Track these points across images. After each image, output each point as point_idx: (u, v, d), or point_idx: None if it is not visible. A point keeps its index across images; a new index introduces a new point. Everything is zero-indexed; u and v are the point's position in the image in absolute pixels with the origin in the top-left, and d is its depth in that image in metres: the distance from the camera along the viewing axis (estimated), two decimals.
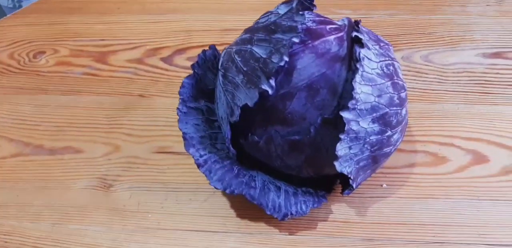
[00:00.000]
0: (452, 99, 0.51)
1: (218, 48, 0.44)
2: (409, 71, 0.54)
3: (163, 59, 0.57)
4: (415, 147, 0.47)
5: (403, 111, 0.37)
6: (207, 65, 0.43)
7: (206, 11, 0.64)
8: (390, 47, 0.39)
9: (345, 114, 0.33)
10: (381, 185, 0.44)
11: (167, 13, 0.64)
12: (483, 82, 0.52)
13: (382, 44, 0.38)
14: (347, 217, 0.41)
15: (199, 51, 0.59)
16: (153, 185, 0.44)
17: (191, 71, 0.56)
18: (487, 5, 0.62)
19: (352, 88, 0.33)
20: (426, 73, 0.55)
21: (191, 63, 0.56)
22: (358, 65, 0.33)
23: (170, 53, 0.58)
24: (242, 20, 0.63)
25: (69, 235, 0.41)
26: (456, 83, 0.53)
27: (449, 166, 0.45)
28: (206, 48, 0.59)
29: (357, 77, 0.33)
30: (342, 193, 0.39)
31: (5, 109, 0.53)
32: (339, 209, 0.42)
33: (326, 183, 0.41)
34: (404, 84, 0.38)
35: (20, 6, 0.95)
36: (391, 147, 0.37)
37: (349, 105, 0.33)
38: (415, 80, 0.53)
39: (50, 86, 0.55)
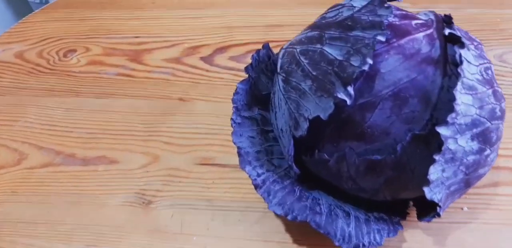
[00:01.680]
0: None
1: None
2: None
3: (203, 59, 0.53)
4: (497, 163, 0.40)
5: (502, 125, 0.31)
6: (260, 67, 0.37)
7: (248, 6, 0.59)
8: (483, 46, 0.32)
9: (442, 130, 0.26)
10: (462, 208, 0.37)
11: (206, 7, 0.60)
12: None
13: (475, 44, 0.31)
14: (424, 247, 0.35)
15: (241, 49, 0.55)
16: (197, 202, 0.39)
17: (233, 72, 0.52)
18: None
19: (451, 98, 0.27)
20: (503, 75, 0.49)
21: (234, 62, 0.53)
22: (459, 70, 0.27)
23: (210, 51, 0.54)
24: (287, 15, 0.58)
25: None
26: None
27: None
28: (249, 46, 0.55)
29: (458, 85, 0.27)
30: (420, 219, 0.33)
31: (34, 113, 0.49)
32: (414, 236, 0.36)
33: (398, 206, 0.35)
34: (502, 92, 0.31)
35: (47, 2, 0.92)
36: (486, 168, 0.31)
37: (448, 119, 0.26)
38: None
39: (81, 88, 0.51)
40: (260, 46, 0.38)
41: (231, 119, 0.34)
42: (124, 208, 0.40)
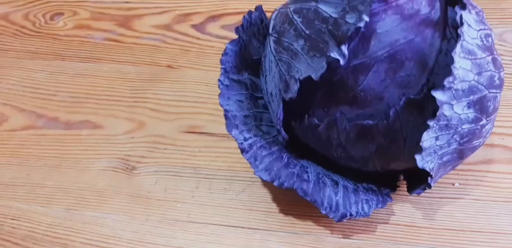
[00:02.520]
0: None
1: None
2: None
3: (195, 26, 0.51)
4: (491, 140, 0.39)
5: (500, 95, 0.30)
6: (253, 30, 0.36)
7: None
8: (484, 14, 0.31)
9: (438, 95, 0.25)
10: (453, 184, 0.37)
11: None
12: None
13: (477, 10, 0.30)
14: (413, 221, 0.35)
15: (235, 18, 0.53)
16: (182, 170, 0.38)
17: (226, 41, 0.50)
18: None
19: (450, 61, 0.25)
20: (502, 55, 0.47)
21: (226, 31, 0.51)
22: (459, 32, 0.25)
23: (202, 19, 0.51)
24: None
25: (85, 224, 0.36)
26: None
27: None
28: (243, 15, 0.53)
29: (458, 48, 0.25)
30: (410, 192, 0.32)
31: (17, 75, 0.47)
32: (403, 210, 0.35)
33: (388, 178, 0.34)
34: (502, 62, 0.30)
35: None
36: (481, 140, 0.30)
37: (445, 83, 0.25)
38: None
39: (67, 52, 0.49)
40: None
41: (219, 80, 0.33)
42: (106, 173, 0.39)
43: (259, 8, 0.36)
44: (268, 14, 0.37)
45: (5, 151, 0.41)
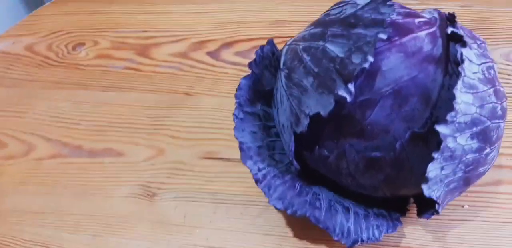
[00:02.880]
0: None
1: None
2: None
3: (210, 54, 0.53)
4: (499, 161, 0.40)
5: (503, 124, 0.31)
6: (265, 63, 0.38)
7: (255, 1, 0.59)
8: (486, 45, 0.32)
9: (441, 129, 0.27)
10: (462, 206, 0.38)
11: (213, 2, 0.60)
12: None
13: (479, 42, 0.31)
14: (423, 243, 0.36)
15: (247, 44, 0.55)
16: (200, 195, 0.40)
17: (239, 67, 0.52)
18: None
19: (451, 97, 0.27)
20: (509, 74, 0.48)
21: (239, 58, 0.53)
22: (460, 69, 0.27)
23: (216, 47, 0.54)
24: (295, 11, 0.58)
25: None
26: None
27: None
28: (256, 41, 0.55)
29: (459, 83, 0.27)
30: (419, 216, 0.33)
31: (42, 105, 0.49)
32: (413, 233, 0.36)
33: (398, 202, 0.36)
34: (504, 91, 0.31)
35: None
36: (486, 166, 0.31)
37: (448, 117, 0.27)
38: None
39: (90, 81, 0.52)
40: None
41: (233, 114, 0.35)
42: (129, 199, 0.40)
43: (270, 42, 0.38)
44: (277, 40, 0.38)
45: (33, 179, 0.43)
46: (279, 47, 0.38)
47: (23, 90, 0.51)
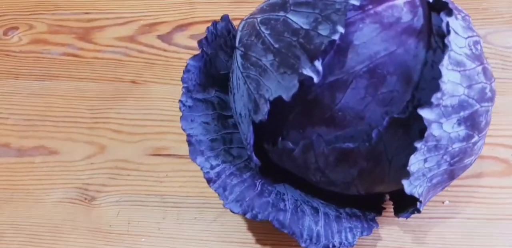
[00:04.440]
0: None
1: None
2: None
3: (161, 37, 0.48)
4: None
5: (491, 108, 0.27)
6: (219, 43, 0.33)
7: None
8: (470, 18, 0.29)
9: (425, 113, 0.23)
10: (443, 202, 0.35)
11: None
12: None
13: (463, 15, 0.27)
14: (401, 245, 0.33)
15: (204, 27, 0.49)
16: (148, 198, 0.36)
17: (195, 52, 0.48)
18: None
19: (437, 75, 0.23)
20: (487, 58, 0.45)
21: (195, 41, 0.48)
22: (446, 41, 0.23)
23: (169, 29, 0.49)
24: None
25: None
26: None
27: None
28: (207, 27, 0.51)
29: (445, 59, 0.23)
30: (397, 215, 0.30)
31: None
32: (391, 234, 0.33)
33: (373, 200, 0.32)
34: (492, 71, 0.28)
35: None
36: (472, 157, 0.28)
37: (433, 100, 0.22)
38: None
39: (21, 70, 0.46)
40: None
41: (180, 101, 0.30)
42: (63, 205, 0.36)
43: (225, 18, 0.33)
44: (236, 22, 0.35)
45: None
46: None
47: None
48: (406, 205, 0.29)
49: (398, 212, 0.30)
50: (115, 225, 0.34)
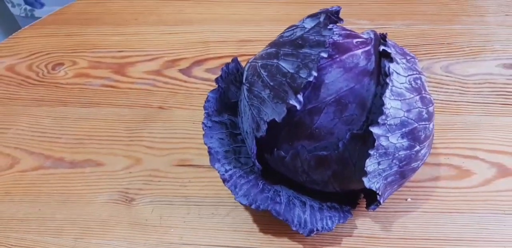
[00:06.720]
0: (474, 111, 0.50)
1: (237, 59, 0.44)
2: (429, 82, 0.54)
3: (182, 71, 0.57)
4: (438, 160, 0.46)
5: (431, 125, 0.37)
6: (230, 78, 0.43)
7: (222, 22, 0.64)
8: (416, 60, 0.38)
9: (375, 130, 0.32)
10: (406, 199, 0.43)
11: (184, 24, 0.64)
12: (505, 93, 0.52)
13: (408, 58, 0.37)
14: (372, 232, 0.41)
15: (217, 62, 0.60)
16: (175, 199, 0.44)
17: (209, 82, 0.57)
18: (506, 15, 0.62)
19: (382, 103, 0.32)
20: (447, 84, 0.54)
21: (209, 74, 0.57)
22: (387, 80, 0.33)
23: (188, 64, 0.58)
24: (258, 31, 0.63)
25: None
26: (478, 94, 0.52)
27: (474, 179, 0.44)
28: (224, 59, 0.60)
29: (387, 92, 0.32)
30: (367, 208, 0.38)
31: (25, 122, 0.52)
32: (364, 224, 0.41)
33: (350, 197, 0.41)
34: (431, 98, 0.37)
35: (32, 15, 0.95)
36: (418, 162, 0.37)
37: (379, 120, 0.32)
38: (436, 91, 0.53)
39: (69, 98, 0.55)
40: None
41: (202, 123, 0.39)
42: (109, 205, 0.44)
43: (234, 60, 0.43)
44: (243, 58, 0.43)
45: (18, 190, 0.46)
46: (244, 64, 0.43)
47: (6, 108, 0.54)
48: (373, 200, 0.38)
49: (367, 206, 0.39)
50: (150, 220, 0.42)
